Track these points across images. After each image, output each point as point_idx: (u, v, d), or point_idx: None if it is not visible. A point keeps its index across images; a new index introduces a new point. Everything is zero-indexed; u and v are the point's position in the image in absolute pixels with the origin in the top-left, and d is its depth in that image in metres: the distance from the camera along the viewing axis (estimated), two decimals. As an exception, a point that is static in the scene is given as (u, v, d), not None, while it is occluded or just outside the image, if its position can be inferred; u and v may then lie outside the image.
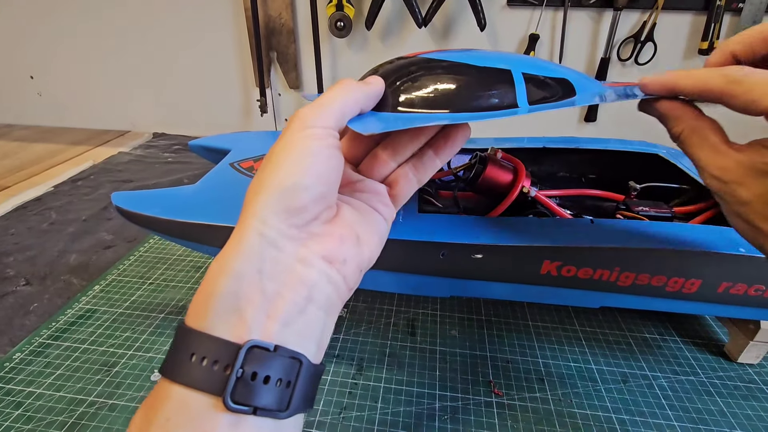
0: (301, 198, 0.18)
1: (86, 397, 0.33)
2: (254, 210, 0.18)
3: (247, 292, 0.17)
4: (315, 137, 0.19)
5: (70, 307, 0.42)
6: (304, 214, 0.19)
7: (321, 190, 0.19)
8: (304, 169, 0.19)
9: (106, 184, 0.69)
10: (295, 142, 0.19)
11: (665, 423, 0.32)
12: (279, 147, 0.19)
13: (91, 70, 0.93)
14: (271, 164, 0.19)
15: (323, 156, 0.19)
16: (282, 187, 0.18)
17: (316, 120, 0.20)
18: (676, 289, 0.30)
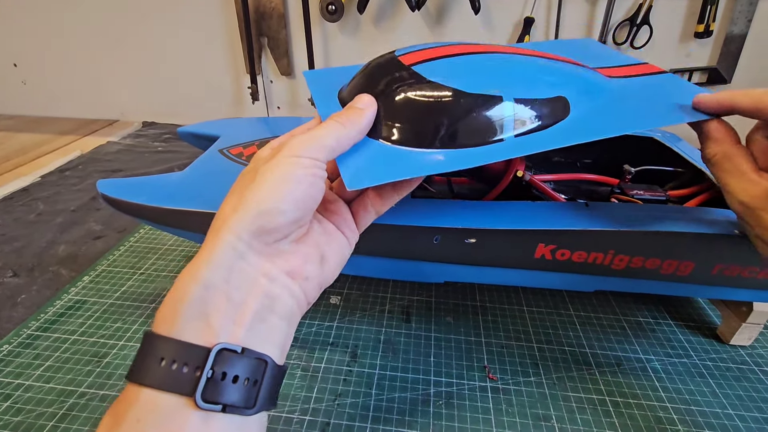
0: (276, 221, 0.19)
1: (76, 388, 0.33)
2: (229, 225, 0.19)
3: (214, 299, 0.18)
4: (301, 165, 0.20)
5: (59, 298, 0.42)
6: (275, 234, 0.20)
7: (296, 215, 0.20)
8: (283, 195, 0.20)
9: (94, 174, 0.68)
10: (281, 166, 0.20)
11: (658, 405, 0.32)
12: (266, 167, 0.20)
13: (78, 57, 0.90)
14: (255, 183, 0.20)
15: (305, 184, 0.20)
16: (260, 209, 0.19)
17: (307, 151, 0.20)
18: (670, 271, 0.30)
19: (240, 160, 0.39)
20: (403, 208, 0.31)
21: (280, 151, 0.21)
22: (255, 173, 0.20)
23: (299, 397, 0.32)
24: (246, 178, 0.21)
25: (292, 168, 0.20)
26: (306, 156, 0.20)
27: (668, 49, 0.74)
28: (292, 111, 0.89)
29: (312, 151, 0.21)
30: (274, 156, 0.21)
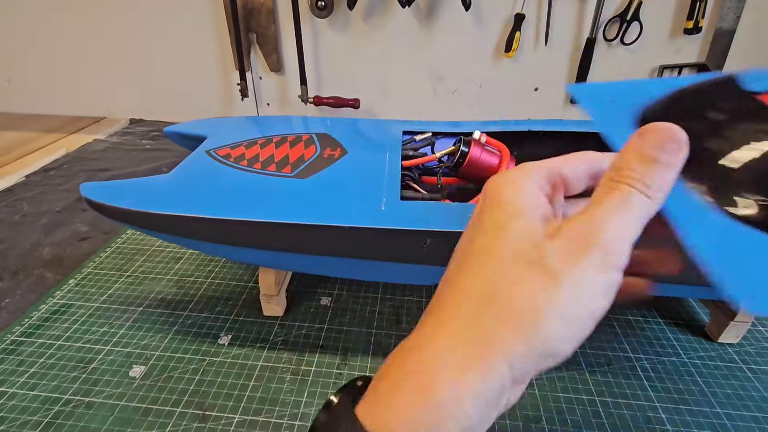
0: (556, 361, 0.14)
1: (62, 395, 0.32)
2: (510, 356, 0.14)
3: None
4: (612, 290, 0.14)
5: (44, 302, 0.41)
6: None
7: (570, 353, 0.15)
8: (583, 337, 0.14)
9: (80, 173, 0.67)
10: (593, 295, 0.14)
11: (647, 405, 0.32)
12: (569, 287, 0.14)
13: (64, 54, 0.88)
14: (551, 306, 0.14)
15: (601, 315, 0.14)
16: (551, 350, 0.14)
17: (622, 256, 0.14)
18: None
19: (228, 161, 0.38)
20: (392, 211, 0.31)
21: (587, 246, 0.14)
22: (551, 279, 0.14)
23: (288, 401, 0.32)
24: (534, 281, 0.14)
25: (604, 301, 0.14)
26: (620, 265, 0.14)
27: (658, 46, 0.74)
28: (281, 108, 0.88)
29: (624, 251, 0.14)
30: (578, 250, 0.14)
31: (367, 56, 0.81)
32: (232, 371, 0.34)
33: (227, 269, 0.46)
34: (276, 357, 0.36)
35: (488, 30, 0.77)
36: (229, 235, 0.31)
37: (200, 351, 0.36)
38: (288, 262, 0.34)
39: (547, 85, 0.81)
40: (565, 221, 0.15)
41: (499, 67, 0.80)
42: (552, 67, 0.79)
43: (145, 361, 0.35)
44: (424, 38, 0.79)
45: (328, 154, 0.39)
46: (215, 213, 0.31)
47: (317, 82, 0.85)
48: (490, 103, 0.83)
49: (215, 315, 0.40)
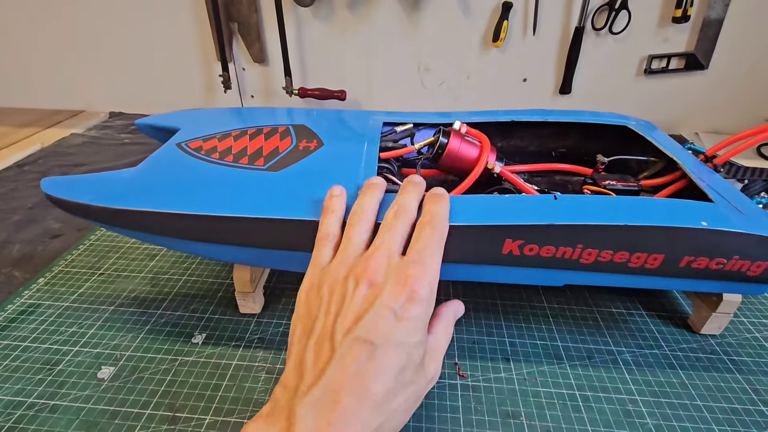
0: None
1: (25, 398, 0.31)
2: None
3: None
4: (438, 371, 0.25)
5: (11, 302, 0.40)
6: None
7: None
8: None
9: (55, 168, 0.65)
10: (420, 391, 0.23)
11: (628, 398, 0.32)
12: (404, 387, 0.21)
13: (41, 45, 0.86)
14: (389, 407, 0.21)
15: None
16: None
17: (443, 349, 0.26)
18: (639, 264, 0.29)
19: (198, 154, 0.37)
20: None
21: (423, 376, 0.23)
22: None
23: (262, 401, 0.31)
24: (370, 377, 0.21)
25: (429, 385, 0.23)
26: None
27: (646, 35, 0.73)
28: (266, 99, 0.86)
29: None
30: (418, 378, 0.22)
31: (353, 47, 0.80)
32: (205, 371, 0.33)
33: (204, 266, 0.44)
34: (251, 356, 0.35)
35: (475, 19, 0.75)
36: (196, 231, 0.30)
37: (173, 350, 0.35)
38: (261, 259, 0.33)
39: (536, 75, 0.80)
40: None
41: (486, 58, 0.79)
42: (540, 56, 0.78)
43: (115, 362, 0.34)
44: (411, 28, 0.77)
45: (304, 146, 0.38)
46: (181, 208, 0.30)
47: (302, 73, 0.83)
48: (478, 93, 0.82)
49: (190, 313, 0.39)
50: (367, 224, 0.27)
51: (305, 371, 0.21)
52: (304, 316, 0.24)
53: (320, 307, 0.23)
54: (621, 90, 0.79)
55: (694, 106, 0.79)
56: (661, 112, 0.80)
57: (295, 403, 0.20)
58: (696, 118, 0.80)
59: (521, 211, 0.28)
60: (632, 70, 0.77)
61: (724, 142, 0.37)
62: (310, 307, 0.24)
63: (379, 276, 0.23)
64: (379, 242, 0.25)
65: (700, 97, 0.78)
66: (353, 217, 0.27)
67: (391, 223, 0.26)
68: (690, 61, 0.74)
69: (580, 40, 0.74)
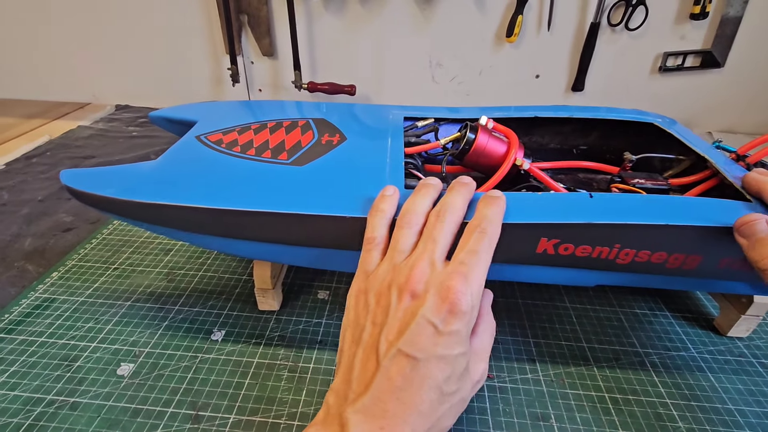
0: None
1: (44, 395, 0.30)
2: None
3: None
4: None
5: (25, 296, 0.39)
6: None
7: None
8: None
9: (64, 160, 0.64)
10: (464, 400, 0.23)
11: (658, 401, 0.31)
12: (453, 403, 0.22)
13: (46, 35, 0.84)
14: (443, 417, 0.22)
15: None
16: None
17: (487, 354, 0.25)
18: (677, 265, 0.28)
19: (220, 147, 0.36)
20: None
21: (470, 378, 0.23)
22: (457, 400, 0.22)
23: (286, 400, 0.30)
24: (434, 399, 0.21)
25: (476, 387, 0.24)
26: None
27: (663, 31, 0.72)
28: (274, 93, 0.85)
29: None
30: (466, 379, 0.22)
31: (364, 41, 0.79)
32: (226, 369, 0.33)
33: (220, 261, 0.44)
34: (272, 353, 0.34)
35: (489, 14, 0.74)
36: (221, 226, 0.29)
37: (192, 347, 0.34)
38: (285, 255, 0.32)
39: (549, 71, 0.79)
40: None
41: (499, 53, 0.78)
42: (554, 53, 0.77)
43: (134, 359, 0.33)
44: (423, 22, 0.76)
45: (327, 140, 0.37)
46: (206, 202, 0.29)
47: (311, 67, 0.82)
48: (490, 89, 0.81)
49: (208, 309, 0.38)
50: (416, 227, 0.25)
51: (353, 380, 0.21)
52: (353, 323, 0.24)
53: (367, 316, 0.23)
54: (635, 87, 0.78)
55: (709, 105, 0.78)
56: (674, 109, 0.79)
57: (345, 409, 0.20)
58: (710, 117, 0.79)
59: (557, 210, 0.28)
60: (647, 67, 0.76)
61: (755, 141, 0.37)
62: (358, 315, 0.24)
63: (420, 286, 0.22)
64: (422, 248, 0.24)
65: (715, 95, 0.77)
66: (402, 218, 0.25)
67: (434, 226, 0.25)
68: (706, 58, 0.74)
69: (596, 36, 0.73)
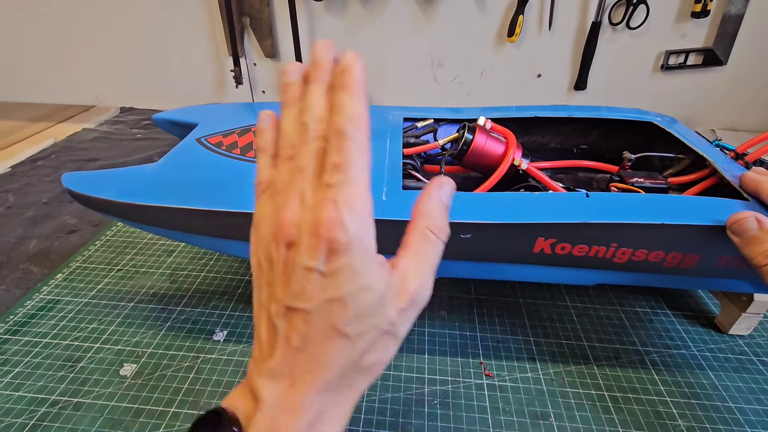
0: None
1: (48, 396, 0.31)
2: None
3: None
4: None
5: (30, 298, 0.39)
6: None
7: None
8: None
9: (68, 163, 0.64)
10: (385, 328, 0.19)
11: (658, 399, 0.31)
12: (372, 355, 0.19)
13: (52, 40, 0.85)
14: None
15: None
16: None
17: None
18: (674, 264, 0.28)
19: (219, 150, 0.36)
20: (393, 201, 0.29)
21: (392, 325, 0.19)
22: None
23: (287, 400, 0.31)
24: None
25: (406, 314, 0.20)
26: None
27: (664, 30, 0.72)
28: (277, 95, 0.86)
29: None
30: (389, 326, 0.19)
31: (366, 41, 0.79)
32: (228, 369, 0.33)
33: (222, 262, 0.44)
34: (273, 353, 0.34)
35: (490, 14, 0.74)
36: (221, 228, 0.30)
37: (194, 348, 0.35)
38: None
39: (550, 71, 0.79)
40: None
41: (501, 53, 0.78)
42: (555, 52, 0.77)
43: (137, 359, 0.34)
44: (425, 23, 0.76)
45: (326, 141, 0.37)
46: (205, 204, 0.29)
47: (313, 68, 0.82)
48: (492, 89, 0.81)
49: (210, 310, 0.38)
50: (290, 165, 0.20)
51: (262, 345, 0.20)
52: (255, 285, 0.21)
53: (262, 275, 0.20)
54: (637, 86, 0.78)
55: (711, 103, 0.78)
56: (676, 107, 0.79)
57: (257, 373, 0.19)
58: (712, 115, 0.79)
59: (553, 209, 0.28)
60: (649, 65, 0.76)
61: (754, 139, 0.37)
62: (256, 275, 0.21)
63: (293, 230, 0.18)
64: (288, 184, 0.19)
65: (717, 93, 0.76)
66: (279, 157, 0.20)
67: (297, 147, 0.19)
68: (708, 56, 0.73)
69: (597, 35, 0.73)
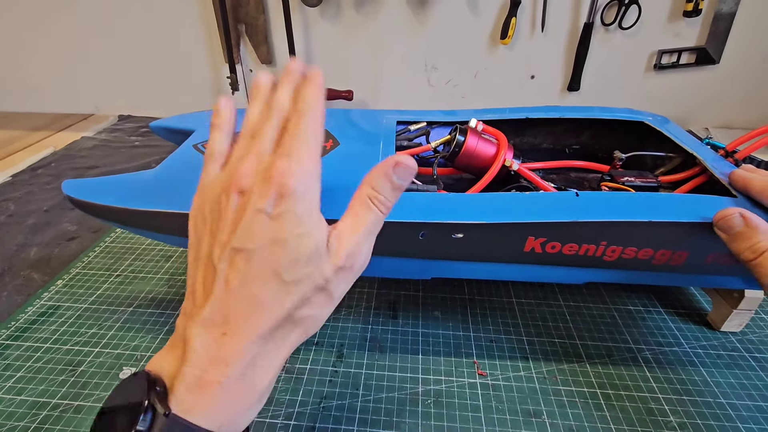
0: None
1: (50, 399, 0.31)
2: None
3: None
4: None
5: (31, 304, 0.40)
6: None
7: None
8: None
9: (68, 171, 0.65)
10: (320, 283, 0.21)
11: (650, 396, 0.32)
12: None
13: (50, 50, 0.86)
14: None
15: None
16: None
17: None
18: (664, 261, 0.29)
19: (215, 155, 0.37)
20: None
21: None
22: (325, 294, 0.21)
23: (283, 401, 0.31)
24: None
25: (343, 273, 0.22)
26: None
27: (657, 29, 0.73)
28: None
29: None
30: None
31: (360, 46, 0.80)
32: (225, 371, 0.33)
33: (219, 266, 0.44)
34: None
35: (483, 16, 0.75)
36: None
37: (192, 351, 0.35)
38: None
39: (544, 72, 0.79)
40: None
41: (494, 55, 0.79)
42: (548, 53, 0.77)
43: (136, 363, 0.34)
44: (418, 26, 0.77)
45: (320, 146, 0.38)
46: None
47: (309, 73, 0.83)
48: (486, 91, 0.82)
49: (207, 314, 0.39)
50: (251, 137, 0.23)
51: (196, 297, 0.20)
52: (192, 242, 0.22)
53: (205, 228, 0.21)
54: (630, 86, 0.78)
55: (705, 101, 0.78)
56: (670, 106, 0.79)
57: (189, 325, 0.19)
58: (706, 113, 0.79)
59: (543, 209, 0.28)
60: (642, 65, 0.76)
61: (744, 137, 0.37)
62: (197, 232, 0.22)
63: (247, 180, 0.20)
64: (247, 148, 0.22)
65: (710, 91, 0.77)
66: (241, 131, 0.24)
67: (261, 123, 0.23)
68: (701, 55, 0.74)
69: (589, 35, 0.73)
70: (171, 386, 0.19)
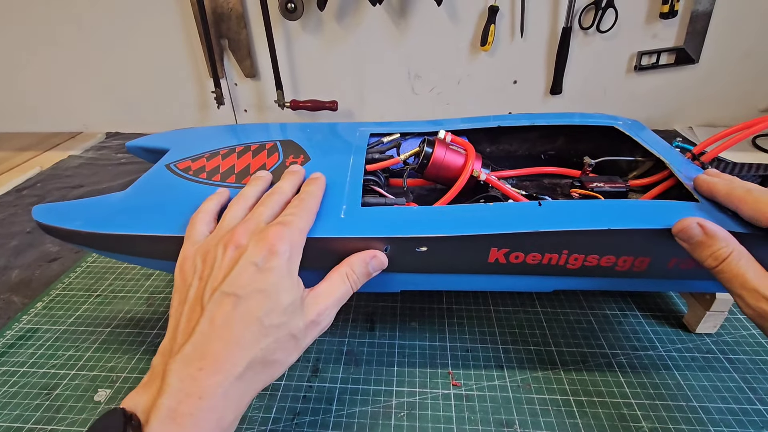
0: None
1: (23, 424, 0.31)
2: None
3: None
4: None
5: (9, 328, 0.40)
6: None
7: None
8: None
9: (53, 191, 0.65)
10: (294, 333, 0.24)
11: (622, 402, 0.32)
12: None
13: (36, 70, 0.87)
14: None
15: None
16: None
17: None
18: (626, 268, 0.29)
19: (187, 175, 0.37)
20: (351, 219, 0.30)
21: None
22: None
23: (256, 419, 0.31)
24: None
25: (312, 328, 0.25)
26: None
27: (635, 31, 0.73)
28: (259, 113, 0.87)
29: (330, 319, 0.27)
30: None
31: (343, 57, 0.80)
32: (200, 390, 0.33)
33: (199, 283, 0.45)
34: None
35: (463, 25, 0.76)
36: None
37: (168, 370, 0.35)
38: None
39: (526, 77, 0.80)
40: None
41: (476, 62, 0.79)
42: (529, 58, 0.78)
43: (111, 384, 0.34)
44: (399, 36, 0.78)
45: (291, 161, 0.38)
46: (171, 230, 0.30)
47: (293, 86, 0.84)
48: (469, 98, 0.83)
49: (185, 332, 0.39)
50: (245, 205, 0.28)
51: (178, 334, 0.22)
52: (180, 287, 0.25)
53: (194, 274, 0.25)
54: (612, 88, 0.79)
55: (687, 100, 0.79)
56: (653, 107, 0.80)
57: (168, 362, 0.21)
58: (689, 112, 0.80)
59: (504, 220, 0.29)
60: (622, 67, 0.77)
61: (714, 137, 0.37)
62: (185, 277, 0.25)
63: (244, 238, 0.25)
64: (249, 215, 0.27)
65: (692, 90, 0.78)
66: (232, 202, 0.29)
67: (262, 202, 0.28)
68: (680, 55, 0.74)
69: (569, 40, 0.74)
70: (146, 420, 0.20)
